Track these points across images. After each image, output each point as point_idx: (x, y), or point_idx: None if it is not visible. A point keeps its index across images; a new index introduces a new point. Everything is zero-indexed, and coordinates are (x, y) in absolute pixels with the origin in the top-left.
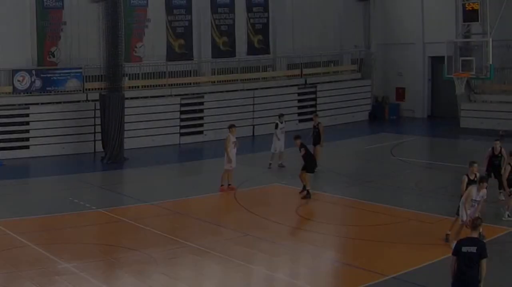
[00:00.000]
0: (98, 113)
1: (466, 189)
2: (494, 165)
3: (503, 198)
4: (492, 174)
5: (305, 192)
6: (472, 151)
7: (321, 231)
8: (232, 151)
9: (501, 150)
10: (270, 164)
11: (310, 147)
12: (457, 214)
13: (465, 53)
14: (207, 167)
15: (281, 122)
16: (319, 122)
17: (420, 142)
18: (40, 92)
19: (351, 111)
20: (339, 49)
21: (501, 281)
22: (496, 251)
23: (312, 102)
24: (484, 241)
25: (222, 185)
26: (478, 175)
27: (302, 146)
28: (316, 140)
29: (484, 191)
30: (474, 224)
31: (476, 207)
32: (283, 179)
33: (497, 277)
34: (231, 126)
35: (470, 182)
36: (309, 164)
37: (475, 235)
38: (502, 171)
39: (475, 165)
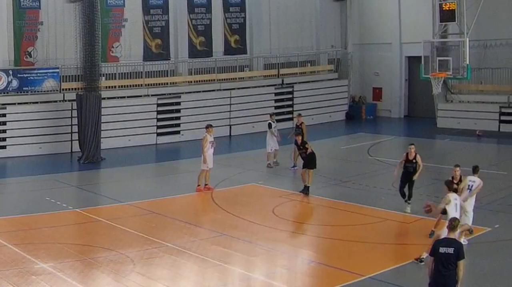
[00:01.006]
0: (75, 113)
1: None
2: (407, 171)
3: (409, 211)
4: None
5: (305, 190)
6: (449, 151)
7: (297, 231)
8: (209, 151)
9: (415, 155)
10: (268, 163)
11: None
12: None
13: (442, 53)
14: (184, 167)
15: (273, 122)
16: (302, 122)
17: (397, 143)
18: (17, 92)
19: (328, 111)
20: (316, 49)
21: (479, 281)
22: (473, 251)
23: (289, 102)
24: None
25: (198, 185)
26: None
27: (305, 143)
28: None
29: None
30: (452, 225)
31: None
32: (259, 179)
33: (473, 278)
34: (208, 126)
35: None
36: (312, 160)
37: (452, 235)
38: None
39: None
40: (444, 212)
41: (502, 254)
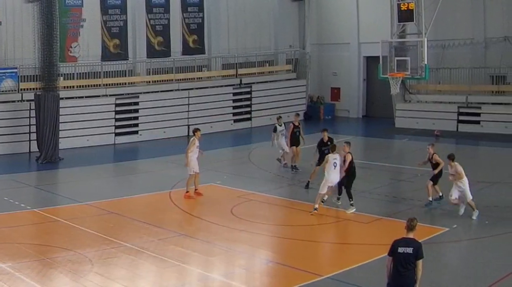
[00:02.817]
0: (33, 113)
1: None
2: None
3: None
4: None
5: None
6: (407, 151)
7: (256, 231)
8: (194, 155)
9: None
10: (285, 163)
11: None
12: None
13: (400, 53)
14: (142, 167)
15: (280, 125)
16: (299, 122)
17: (355, 143)
18: None
19: (286, 111)
20: (274, 49)
21: (436, 281)
22: (432, 251)
23: (247, 102)
24: None
25: (187, 192)
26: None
27: (332, 139)
28: (297, 141)
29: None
30: (410, 225)
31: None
32: (218, 179)
33: (433, 278)
34: (196, 130)
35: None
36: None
37: (411, 235)
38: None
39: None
40: None
41: (460, 254)
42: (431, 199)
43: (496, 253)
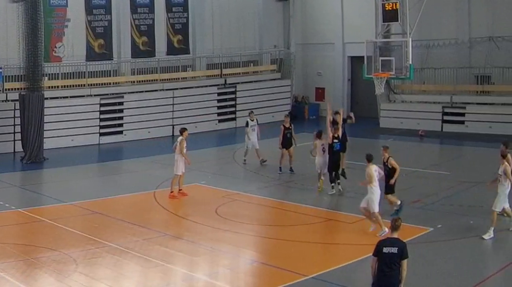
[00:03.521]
0: (17, 113)
1: None
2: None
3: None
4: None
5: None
6: (392, 151)
7: (240, 231)
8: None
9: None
10: (244, 160)
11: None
12: None
13: (385, 53)
14: (126, 167)
15: (252, 120)
16: (291, 123)
17: None
18: None
19: (271, 111)
20: (258, 49)
21: (421, 281)
22: (417, 251)
23: (232, 103)
24: None
25: (172, 192)
26: None
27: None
28: (289, 143)
29: None
30: (395, 225)
31: None
32: (202, 179)
33: (417, 278)
34: (183, 130)
35: None
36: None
37: (395, 235)
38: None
39: None
40: None
41: (444, 254)
42: (398, 205)
43: (481, 253)
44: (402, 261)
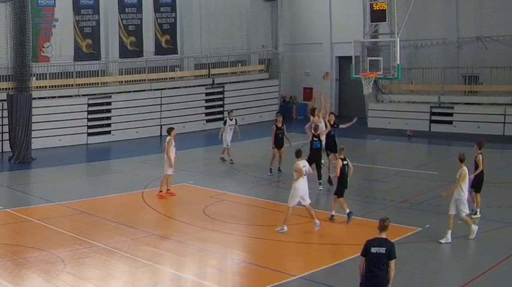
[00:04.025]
0: (5, 113)
1: None
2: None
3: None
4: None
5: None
6: (380, 151)
7: (228, 231)
8: (172, 155)
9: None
10: (222, 157)
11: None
12: None
13: (373, 53)
14: (114, 167)
15: (230, 119)
16: (283, 123)
17: None
18: None
19: (259, 111)
20: (246, 49)
21: (409, 281)
22: (405, 251)
23: (220, 102)
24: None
25: (160, 191)
26: None
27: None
28: (281, 144)
29: None
30: (383, 225)
31: None
32: (190, 179)
33: (405, 278)
34: (171, 129)
35: None
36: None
37: (383, 235)
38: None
39: None
40: None
41: (432, 254)
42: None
43: (469, 253)
44: (390, 261)
